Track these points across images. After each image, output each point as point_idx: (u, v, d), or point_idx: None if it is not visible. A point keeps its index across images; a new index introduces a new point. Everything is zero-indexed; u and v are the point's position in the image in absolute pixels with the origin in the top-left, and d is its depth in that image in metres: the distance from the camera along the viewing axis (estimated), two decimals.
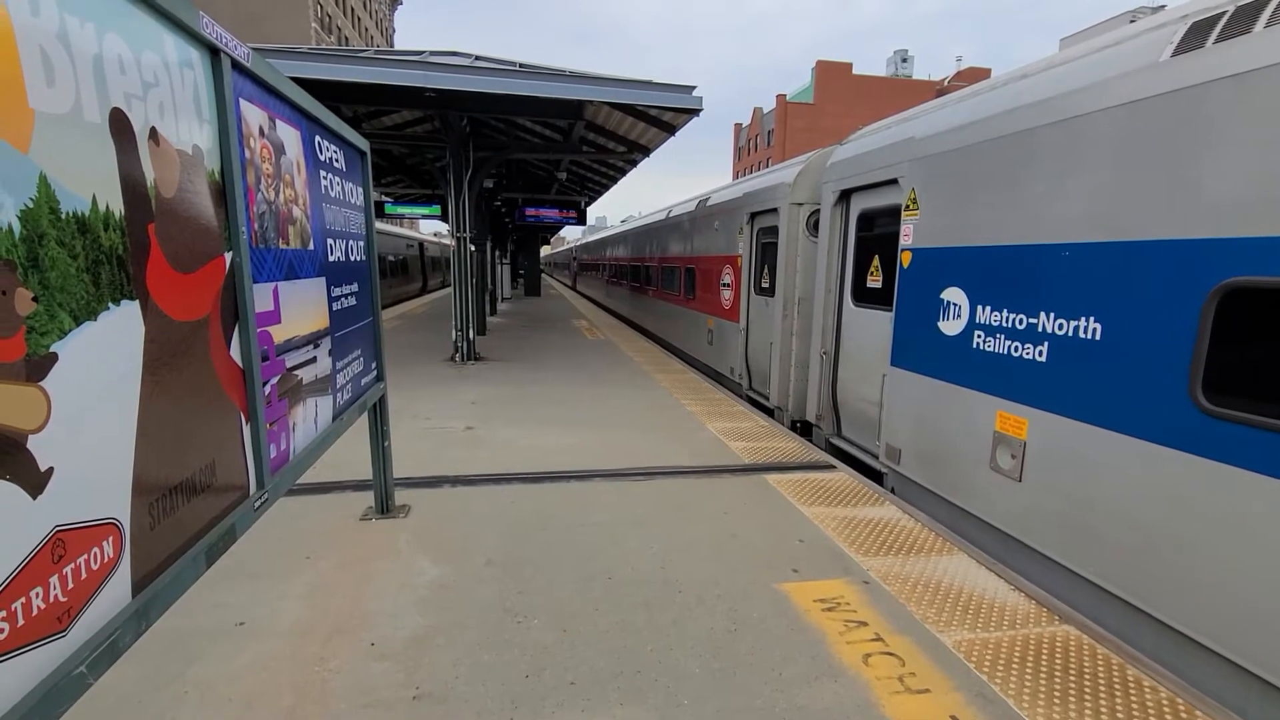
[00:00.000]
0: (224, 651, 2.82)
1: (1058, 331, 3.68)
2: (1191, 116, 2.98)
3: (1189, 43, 3.09)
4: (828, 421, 6.77)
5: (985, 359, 4.27)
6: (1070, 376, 3.61)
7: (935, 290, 4.77)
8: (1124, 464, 3.29)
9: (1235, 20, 2.92)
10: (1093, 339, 3.46)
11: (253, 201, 2.19)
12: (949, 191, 4.70)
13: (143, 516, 1.51)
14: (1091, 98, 3.51)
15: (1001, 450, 4.13)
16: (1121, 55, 3.48)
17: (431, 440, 6.15)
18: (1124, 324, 3.29)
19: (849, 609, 3.24)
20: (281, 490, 2.39)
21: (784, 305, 7.65)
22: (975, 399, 4.37)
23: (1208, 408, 2.87)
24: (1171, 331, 3.04)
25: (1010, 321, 4.04)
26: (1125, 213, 3.30)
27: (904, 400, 5.23)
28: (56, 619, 1.24)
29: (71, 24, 1.30)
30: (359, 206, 3.68)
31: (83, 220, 1.32)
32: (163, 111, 1.63)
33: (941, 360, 4.74)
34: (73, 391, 1.27)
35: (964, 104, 4.78)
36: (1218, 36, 2.95)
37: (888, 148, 5.53)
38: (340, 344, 3.24)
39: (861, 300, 6.14)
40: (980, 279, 4.33)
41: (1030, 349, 3.89)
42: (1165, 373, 3.06)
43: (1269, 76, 2.67)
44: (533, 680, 2.66)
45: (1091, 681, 2.70)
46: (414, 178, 17.22)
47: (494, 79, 7.93)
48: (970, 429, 4.42)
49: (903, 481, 5.34)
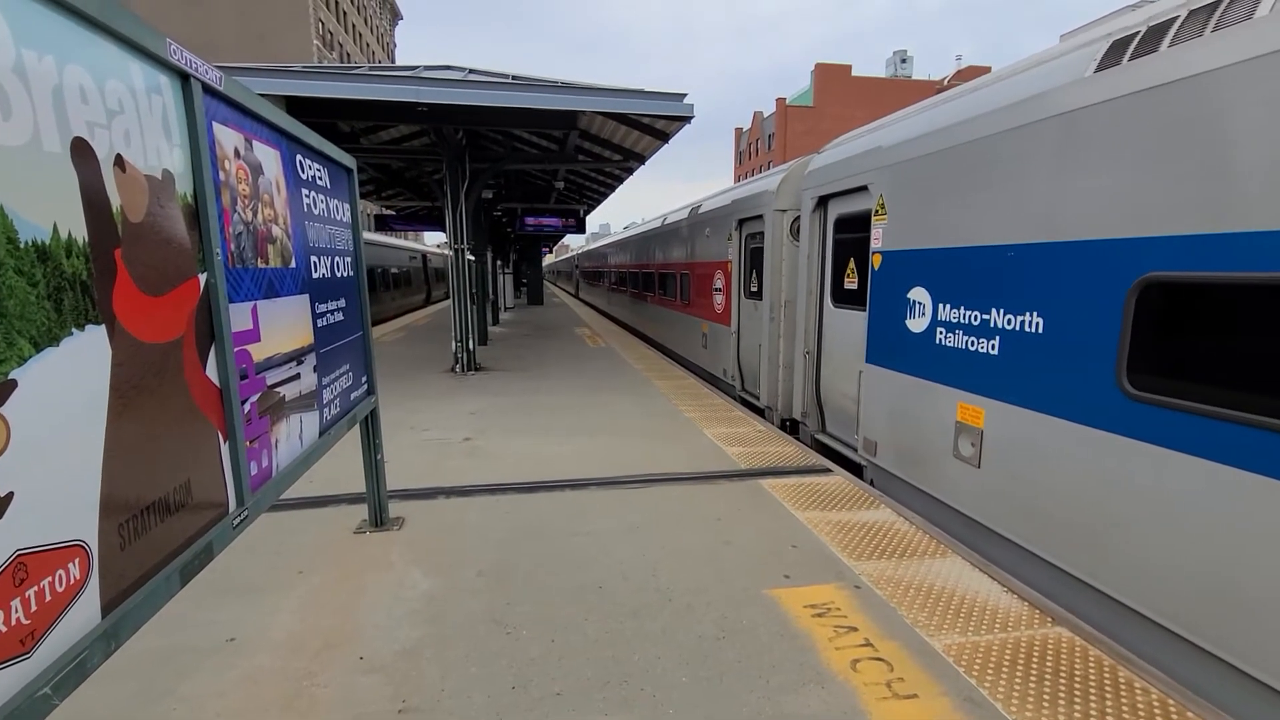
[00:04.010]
0: (214, 667, 2.84)
1: (1007, 326, 3.97)
2: (1111, 127, 3.28)
3: (1109, 60, 3.36)
4: (812, 418, 7.05)
5: (947, 353, 4.57)
6: (1019, 367, 3.89)
7: (903, 290, 5.06)
8: (1064, 447, 3.58)
9: (1146, 40, 3.19)
10: (1036, 332, 3.74)
11: (228, 222, 2.22)
12: (912, 197, 4.99)
13: (111, 537, 1.53)
14: (1028, 110, 3.81)
15: (963, 439, 4.40)
16: (1056, 70, 3.72)
17: (429, 452, 6.17)
18: (1061, 317, 3.58)
19: (839, 614, 3.23)
20: (263, 507, 2.40)
21: (771, 308, 7.90)
22: (939, 391, 4.66)
23: (1132, 392, 3.16)
24: (1101, 323, 3.32)
25: (967, 318, 4.34)
26: (1060, 215, 3.58)
27: (878, 395, 5.49)
28: (19, 641, 1.26)
29: (29, 57, 1.32)
30: (345, 223, 3.71)
31: (43, 248, 1.34)
32: (129, 138, 1.66)
33: (909, 356, 5.02)
34: (33, 417, 1.29)
35: (923, 115, 5.06)
36: (1131, 54, 3.23)
37: (858, 156, 5.82)
38: (326, 359, 3.27)
39: (840, 301, 6.43)
40: (940, 279, 4.63)
41: (985, 343, 4.17)
42: (1096, 361, 3.34)
43: (1172, 91, 2.96)
44: (519, 692, 2.66)
45: (1082, 684, 2.68)
46: (413, 190, 17.35)
47: (486, 92, 7.99)
48: (936, 420, 4.69)
49: (880, 473, 5.56)
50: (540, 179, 16.79)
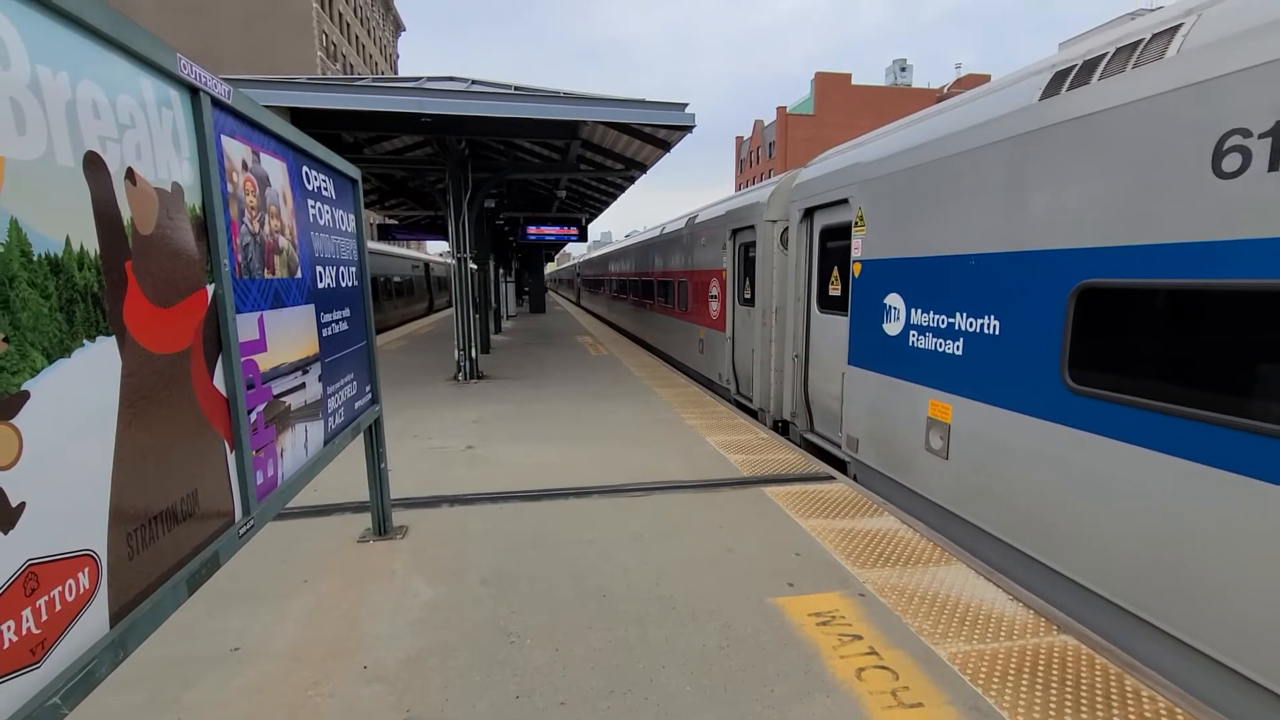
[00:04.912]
0: (218, 676, 2.84)
1: (969, 329, 4.33)
2: (1053, 149, 3.63)
3: (1051, 89, 3.70)
4: (801, 418, 7.40)
5: (919, 354, 4.92)
6: (980, 366, 4.25)
7: (880, 296, 5.42)
8: (1018, 437, 3.92)
9: (1081, 72, 3.54)
10: (994, 334, 4.10)
11: (236, 234, 2.24)
12: (887, 210, 5.34)
13: (120, 547, 1.54)
14: (985, 133, 4.17)
15: (933, 433, 4.74)
16: (1009, 96, 4.06)
17: (432, 460, 6.18)
18: (1015, 320, 3.94)
19: (844, 622, 3.22)
20: (269, 516, 2.41)
21: (763, 314, 8.22)
22: (912, 390, 5.00)
23: (1072, 386, 3.50)
24: (1047, 325, 3.67)
25: (936, 321, 4.71)
26: (1012, 228, 3.94)
27: (859, 395, 5.83)
28: (30, 651, 1.27)
29: (43, 73, 1.35)
30: (350, 233, 3.74)
31: (56, 261, 1.36)
32: (140, 152, 1.68)
33: (886, 357, 5.37)
34: (45, 428, 1.31)
35: (897, 134, 5.42)
36: (1069, 85, 3.58)
37: (839, 171, 6.18)
38: (331, 369, 3.28)
39: (825, 307, 6.79)
40: (913, 286, 4.99)
41: (951, 344, 4.54)
42: (1044, 359, 3.70)
43: (1100, 119, 3.32)
44: (523, 701, 2.65)
45: (1089, 692, 2.67)
46: (416, 200, 17.42)
47: (488, 102, 8.05)
48: (910, 416, 5.03)
49: (862, 468, 5.87)
50: (542, 188, 16.88)
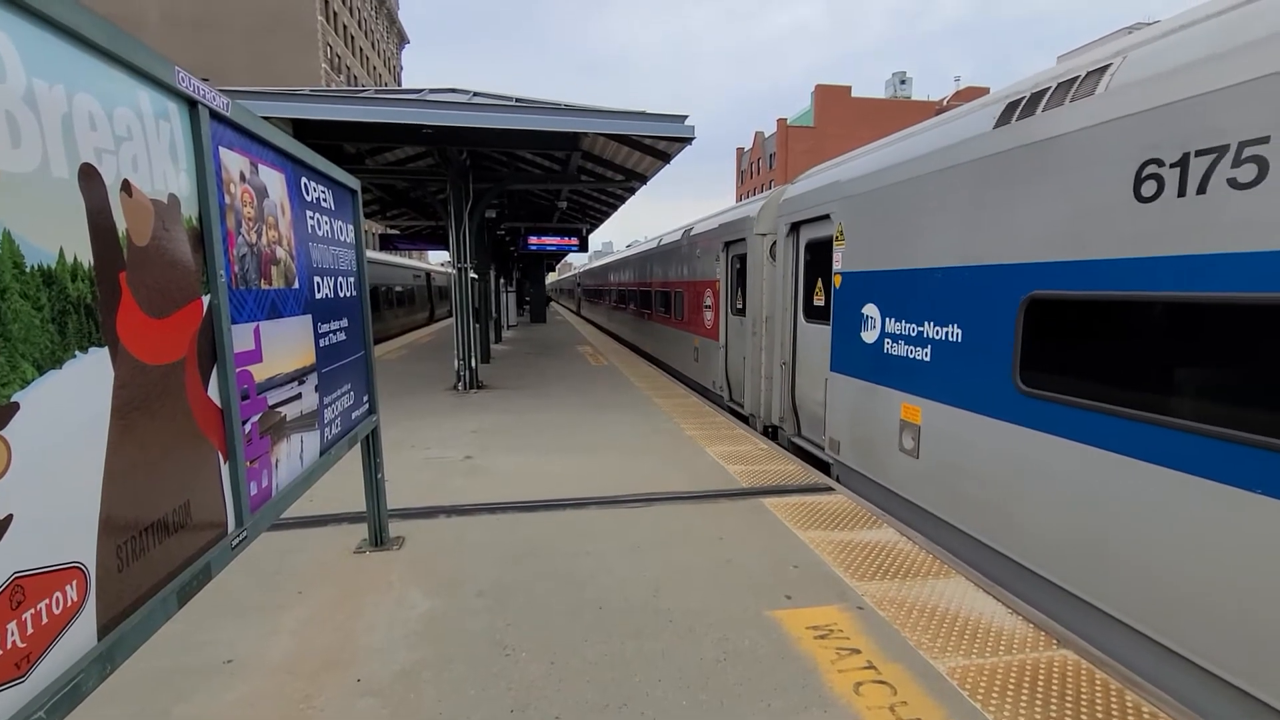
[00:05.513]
0: (210, 689, 2.81)
1: (936, 336, 4.68)
2: (1004, 172, 3.98)
3: (1004, 118, 4.03)
4: (789, 423, 7.76)
5: (892, 361, 5.27)
6: (946, 371, 4.58)
7: (858, 306, 5.77)
8: (978, 437, 4.26)
9: (1029, 104, 3.86)
10: (957, 341, 4.45)
11: (233, 245, 2.25)
12: (864, 225, 5.72)
13: (110, 559, 1.53)
14: (948, 156, 4.53)
15: (905, 434, 5.07)
16: (970, 123, 4.41)
17: (430, 470, 6.16)
18: (974, 328, 4.29)
19: (842, 636, 3.19)
20: (263, 527, 2.40)
21: (753, 324, 8.52)
22: (887, 394, 5.34)
23: (1023, 389, 3.84)
24: (1001, 332, 4.01)
25: (907, 330, 5.05)
26: (971, 243, 4.29)
27: (840, 399, 6.19)
28: (14, 665, 1.26)
29: (39, 86, 1.36)
30: (349, 244, 3.75)
31: (49, 272, 1.36)
32: (136, 164, 1.69)
33: (863, 363, 5.73)
34: (35, 439, 1.31)
35: (873, 155, 5.76)
36: (1018, 115, 3.91)
37: (822, 188, 6.55)
38: (328, 379, 3.28)
39: (810, 317, 7.12)
40: (887, 297, 5.35)
41: (920, 351, 4.88)
42: (998, 364, 4.04)
43: (1045, 146, 3.65)
44: (518, 715, 2.63)
45: (1089, 708, 2.64)
46: (418, 210, 17.50)
47: (489, 114, 8.10)
48: (885, 419, 5.37)
49: (844, 469, 6.20)
50: (543, 199, 16.94)
